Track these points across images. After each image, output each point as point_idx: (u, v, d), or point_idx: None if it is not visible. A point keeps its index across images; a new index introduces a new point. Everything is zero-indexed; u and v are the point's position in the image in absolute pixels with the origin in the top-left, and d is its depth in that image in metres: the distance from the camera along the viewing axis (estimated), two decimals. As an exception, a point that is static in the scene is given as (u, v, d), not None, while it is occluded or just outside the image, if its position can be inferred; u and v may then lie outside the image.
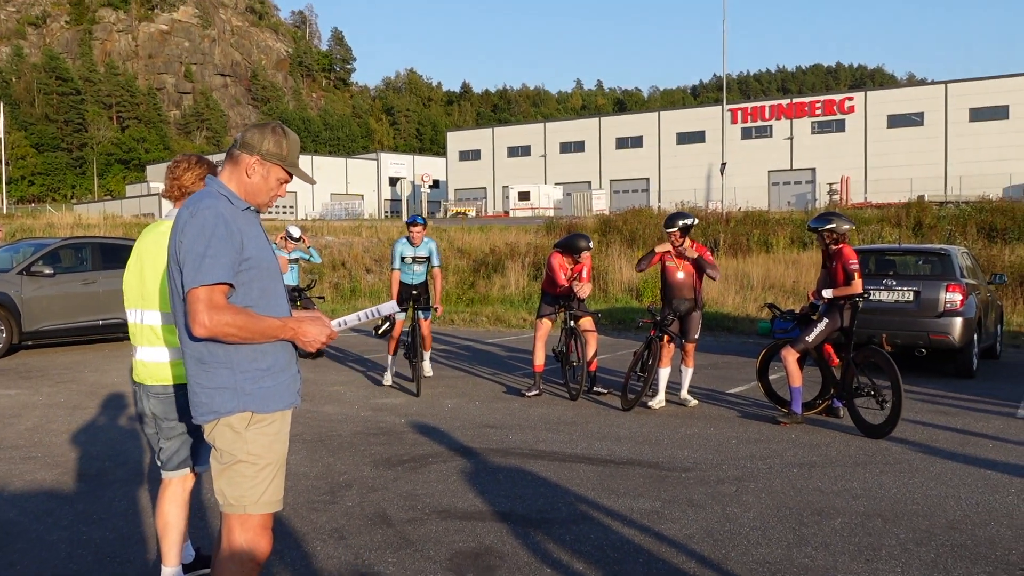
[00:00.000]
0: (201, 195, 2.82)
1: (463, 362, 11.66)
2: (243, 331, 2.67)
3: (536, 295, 20.27)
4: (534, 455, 6.31)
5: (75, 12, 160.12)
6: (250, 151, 2.87)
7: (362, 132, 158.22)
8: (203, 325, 2.62)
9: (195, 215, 2.71)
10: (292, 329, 2.81)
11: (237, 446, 2.80)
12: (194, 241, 2.67)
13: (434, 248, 9.61)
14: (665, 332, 8.19)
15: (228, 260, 2.69)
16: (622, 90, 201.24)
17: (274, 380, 2.84)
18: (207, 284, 2.63)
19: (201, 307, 2.62)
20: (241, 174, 2.88)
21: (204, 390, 2.79)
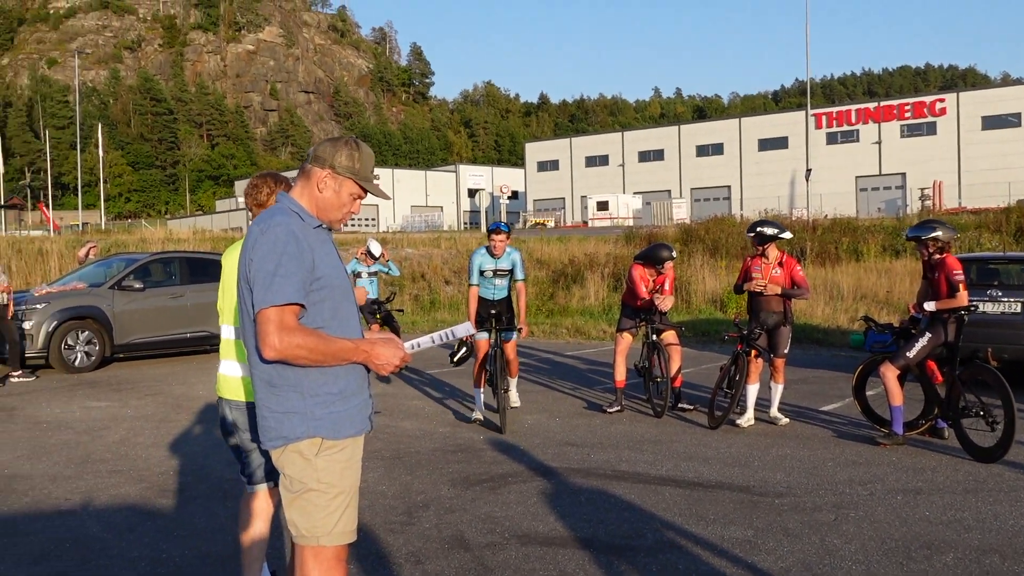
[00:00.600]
0: (272, 211, 2.73)
1: (543, 376, 11.48)
2: (314, 353, 2.57)
3: (616, 307, 19.95)
4: (617, 476, 6.08)
5: (167, 35, 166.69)
6: (322, 164, 2.77)
7: (441, 145, 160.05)
8: (273, 347, 2.53)
9: (265, 232, 2.63)
10: (365, 351, 2.70)
11: (307, 474, 2.68)
12: (264, 259, 2.58)
13: (518, 259, 8.39)
14: (752, 346, 7.86)
15: (299, 279, 2.59)
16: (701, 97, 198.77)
17: (345, 405, 2.73)
18: (278, 304, 2.54)
19: (271, 328, 2.53)
20: (313, 189, 2.79)
21: (273, 414, 2.69)
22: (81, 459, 6.90)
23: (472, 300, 8.29)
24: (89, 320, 12.16)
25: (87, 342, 12.12)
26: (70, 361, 11.92)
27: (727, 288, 19.42)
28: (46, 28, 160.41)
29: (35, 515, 5.42)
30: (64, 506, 5.60)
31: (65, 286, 12.79)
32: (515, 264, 8.39)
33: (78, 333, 12.04)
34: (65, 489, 6.00)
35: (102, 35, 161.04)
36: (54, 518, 5.36)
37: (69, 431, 8.04)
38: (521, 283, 8.46)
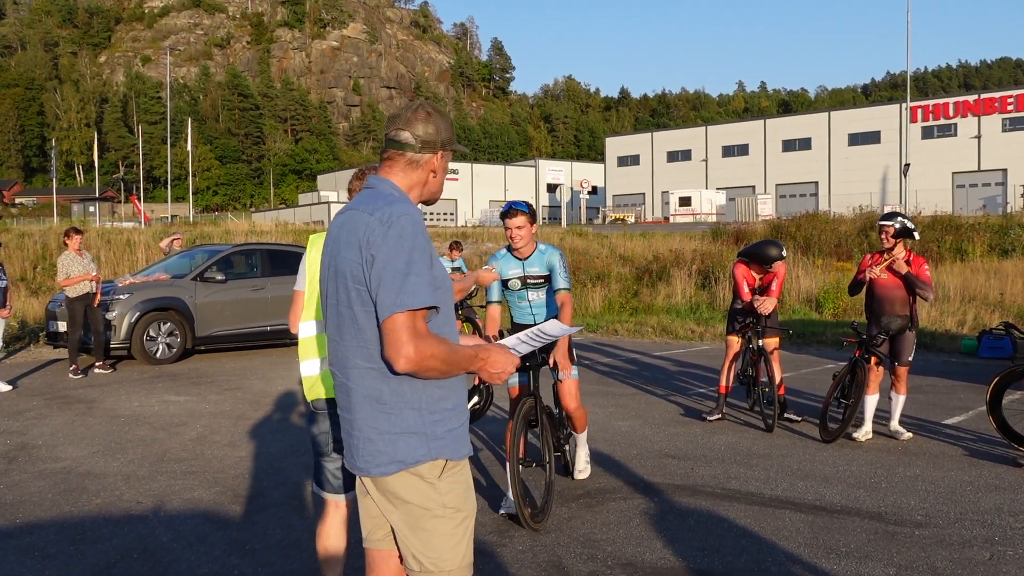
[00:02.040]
0: (389, 199, 2.35)
1: (632, 377, 10.88)
2: (445, 364, 2.25)
3: (704, 305, 19.19)
4: (727, 496, 5.48)
5: (255, 33, 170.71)
6: (433, 148, 2.48)
7: (520, 140, 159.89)
8: (409, 358, 2.17)
9: (391, 224, 2.25)
10: (484, 359, 2.40)
11: (431, 499, 2.34)
12: (393, 256, 2.22)
13: (557, 261, 5.47)
14: (872, 353, 7.12)
15: (430, 279, 2.26)
16: (787, 91, 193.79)
17: (459, 420, 2.42)
18: (414, 308, 2.19)
19: (406, 336, 2.17)
20: (425, 176, 2.50)
21: (383, 435, 2.31)
22: (156, 457, 6.63)
23: (491, 327, 5.50)
24: (171, 311, 12.08)
25: (169, 334, 12.04)
26: (151, 353, 11.85)
27: (822, 287, 18.45)
28: (141, 27, 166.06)
29: (105, 519, 5.13)
30: (135, 510, 5.30)
31: (148, 277, 12.75)
32: (553, 268, 5.47)
33: (160, 324, 11.96)
34: (137, 491, 5.71)
35: (193, 33, 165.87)
36: (123, 523, 5.05)
37: (146, 426, 7.83)
38: (565, 294, 5.42)
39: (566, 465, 5.77)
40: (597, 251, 25.11)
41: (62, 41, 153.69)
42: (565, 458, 5.71)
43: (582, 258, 24.34)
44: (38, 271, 20.50)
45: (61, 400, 9.32)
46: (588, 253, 24.87)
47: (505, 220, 5.33)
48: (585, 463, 5.91)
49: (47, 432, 7.66)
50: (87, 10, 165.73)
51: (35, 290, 19.05)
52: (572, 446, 5.84)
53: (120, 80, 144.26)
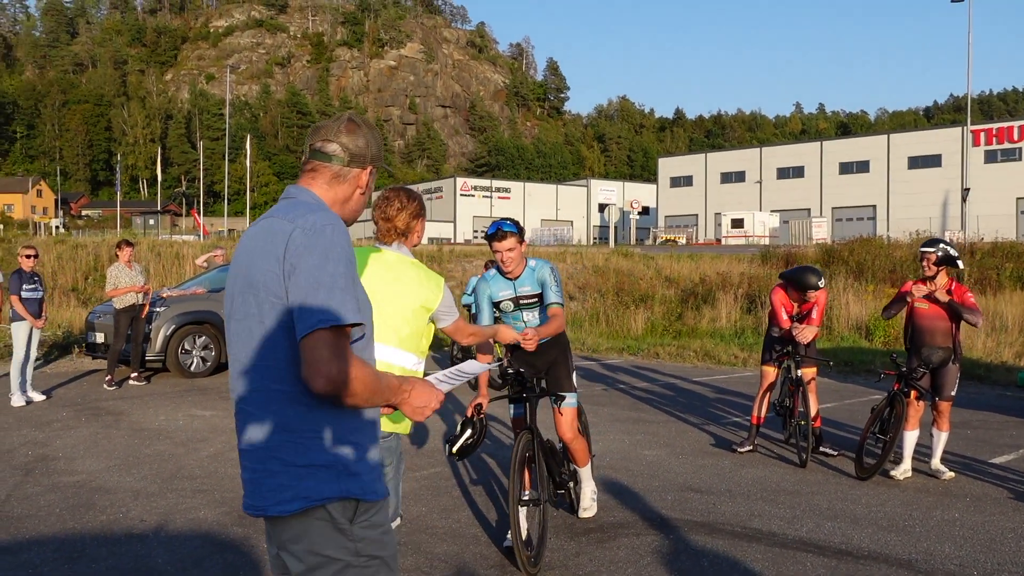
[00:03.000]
0: (311, 207, 2.14)
1: (667, 403, 10.58)
2: (368, 390, 2.00)
3: (749, 330, 18.74)
4: (747, 535, 5.19)
5: (315, 52, 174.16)
6: (362, 163, 2.31)
7: (573, 159, 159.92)
8: (330, 378, 1.93)
9: (317, 232, 2.04)
10: (407, 391, 2.18)
11: (341, 545, 2.04)
12: (318, 267, 2.00)
13: (548, 276, 5.11)
14: (912, 386, 6.76)
15: (356, 295, 2.05)
16: (846, 113, 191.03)
17: (373, 459, 2.15)
18: (338, 324, 1.95)
19: (329, 354, 1.93)
20: (350, 192, 2.31)
21: (289, 468, 2.03)
22: (170, 474, 6.58)
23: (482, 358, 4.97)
24: (207, 325, 12.14)
25: (204, 347, 12.10)
26: (186, 366, 11.92)
27: (874, 314, 17.88)
28: (206, 46, 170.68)
29: (105, 537, 5.06)
30: (137, 528, 5.22)
31: (185, 290, 12.85)
32: (544, 283, 5.10)
33: (195, 338, 12.03)
34: (144, 508, 5.64)
35: (256, 52, 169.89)
36: (123, 543, 4.97)
37: (167, 441, 7.80)
38: (556, 307, 5.05)
39: (572, 502, 5.49)
40: (642, 272, 24.77)
41: (131, 59, 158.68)
42: (569, 496, 5.41)
43: (626, 279, 24.03)
44: (89, 282, 20.93)
45: (90, 412, 9.38)
46: (633, 274, 24.55)
47: (492, 243, 4.93)
48: (591, 500, 5.47)
49: (69, 444, 7.68)
50: (155, 29, 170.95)
51: (85, 301, 19.43)
52: (576, 482, 5.49)
53: (184, 97, 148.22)
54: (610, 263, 26.05)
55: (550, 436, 5.53)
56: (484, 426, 4.31)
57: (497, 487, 6.30)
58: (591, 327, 20.37)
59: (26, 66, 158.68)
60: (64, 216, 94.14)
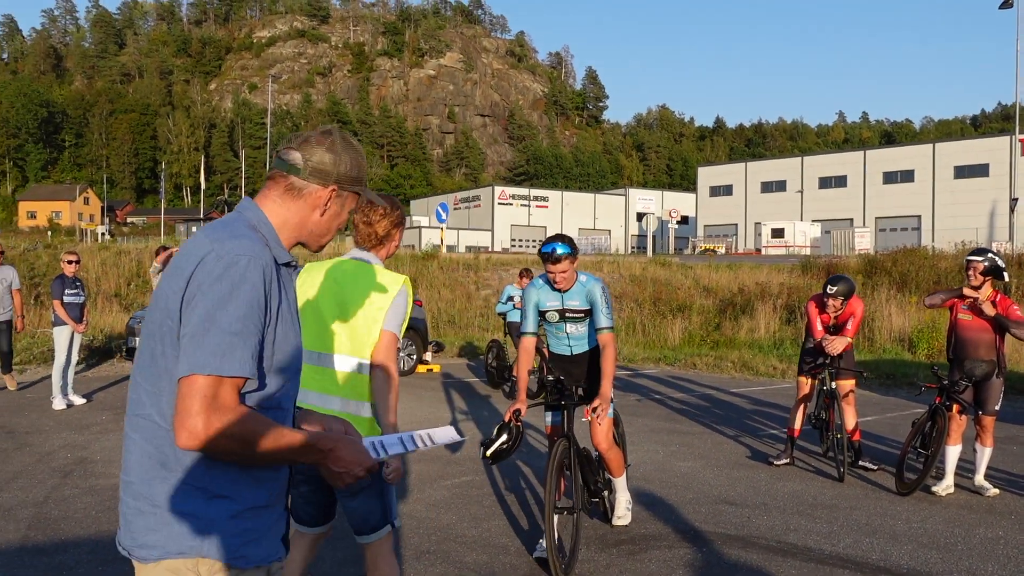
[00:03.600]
0: (236, 229, 1.89)
1: (703, 415, 10.45)
2: (250, 449, 1.75)
3: (788, 341, 18.48)
4: (782, 549, 5.08)
5: (356, 62, 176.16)
6: (325, 181, 2.01)
7: (612, 168, 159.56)
8: (195, 433, 1.70)
9: (229, 264, 1.79)
10: (321, 452, 1.87)
11: None
12: (217, 304, 1.76)
13: (599, 295, 5.02)
14: (955, 400, 6.59)
15: (255, 343, 1.80)
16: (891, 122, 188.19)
17: (256, 520, 1.89)
18: (220, 375, 1.72)
19: (198, 405, 1.70)
20: (306, 211, 2.01)
21: (156, 510, 1.81)
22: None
23: (524, 362, 5.06)
24: None
25: None
26: None
27: (916, 326, 17.54)
28: (249, 56, 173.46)
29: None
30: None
31: None
32: (594, 303, 5.01)
33: None
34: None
35: (297, 62, 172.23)
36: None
37: (203, 445, 7.87)
38: (608, 334, 4.95)
39: (606, 511, 5.43)
40: (680, 282, 24.58)
41: (176, 69, 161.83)
42: (604, 504, 5.35)
43: (664, 288, 23.85)
44: (131, 288, 21.30)
45: (129, 415, 9.50)
46: (670, 284, 24.37)
47: (546, 263, 4.86)
48: (625, 509, 5.44)
49: (108, 447, 7.78)
50: (200, 40, 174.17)
51: (127, 306, 19.76)
52: (611, 491, 5.46)
53: (228, 107, 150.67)
54: (647, 272, 25.88)
55: (585, 445, 5.53)
56: (520, 432, 4.37)
57: (529, 496, 6.26)
58: (627, 337, 20.24)
59: (75, 76, 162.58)
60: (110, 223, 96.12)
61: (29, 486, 6.36)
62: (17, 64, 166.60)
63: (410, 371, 13.91)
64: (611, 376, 4.88)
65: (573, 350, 5.25)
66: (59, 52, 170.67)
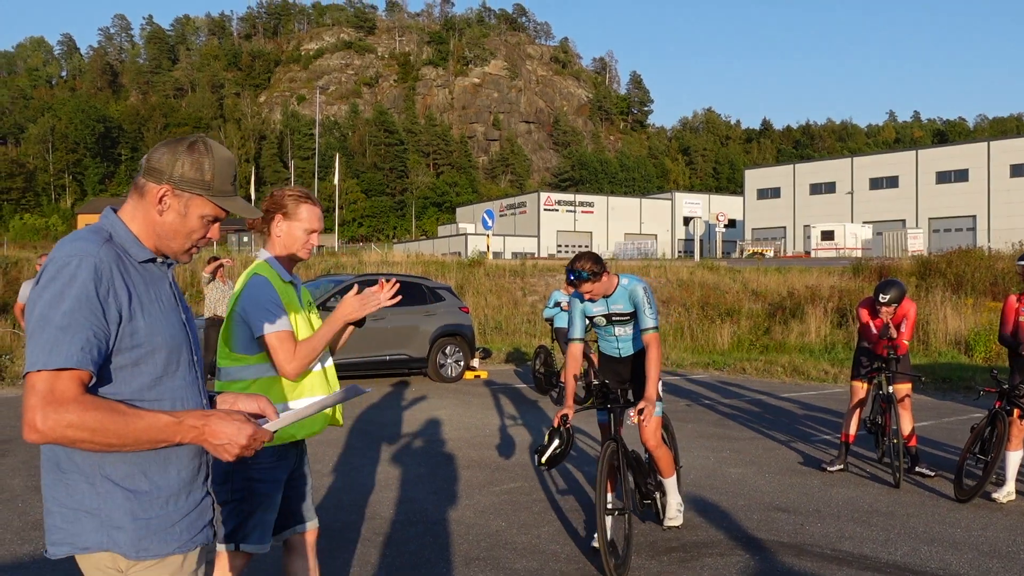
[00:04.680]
0: (81, 233, 1.98)
1: (754, 420, 10.32)
2: (101, 435, 1.78)
3: (840, 345, 18.17)
4: (837, 558, 5.00)
5: (402, 72, 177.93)
6: (158, 178, 2.03)
7: (657, 172, 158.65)
8: (33, 427, 1.76)
9: (61, 265, 1.88)
10: (192, 428, 1.87)
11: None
12: (49, 304, 1.83)
13: (641, 296, 5.07)
14: (1016, 405, 6.42)
15: (88, 336, 1.84)
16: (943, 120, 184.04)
17: (163, 507, 1.95)
18: (50, 369, 1.78)
19: (35, 400, 1.76)
20: (148, 210, 2.04)
21: (61, 509, 1.92)
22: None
23: (570, 367, 5.09)
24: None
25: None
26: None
27: (973, 329, 17.13)
28: (298, 68, 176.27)
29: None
30: (225, 537, 5.35)
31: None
32: (637, 304, 5.04)
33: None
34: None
35: (344, 73, 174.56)
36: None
37: (256, 452, 8.00)
38: (652, 334, 4.96)
39: (658, 513, 5.42)
40: (728, 286, 24.33)
41: (227, 83, 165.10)
42: (655, 506, 5.34)
43: (712, 292, 23.64)
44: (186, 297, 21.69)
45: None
46: (719, 288, 24.13)
47: (575, 282, 4.96)
48: (677, 510, 5.39)
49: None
50: (250, 53, 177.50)
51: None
52: (663, 493, 5.43)
53: (277, 118, 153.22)
54: (695, 277, 25.67)
55: (636, 448, 5.53)
56: (571, 435, 4.50)
57: (578, 502, 6.24)
58: (675, 341, 20.09)
59: (131, 92, 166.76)
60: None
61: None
62: (75, 81, 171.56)
63: (458, 377, 13.97)
64: (656, 377, 4.89)
65: (622, 352, 5.33)
66: (115, 69, 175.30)
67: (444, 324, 13.87)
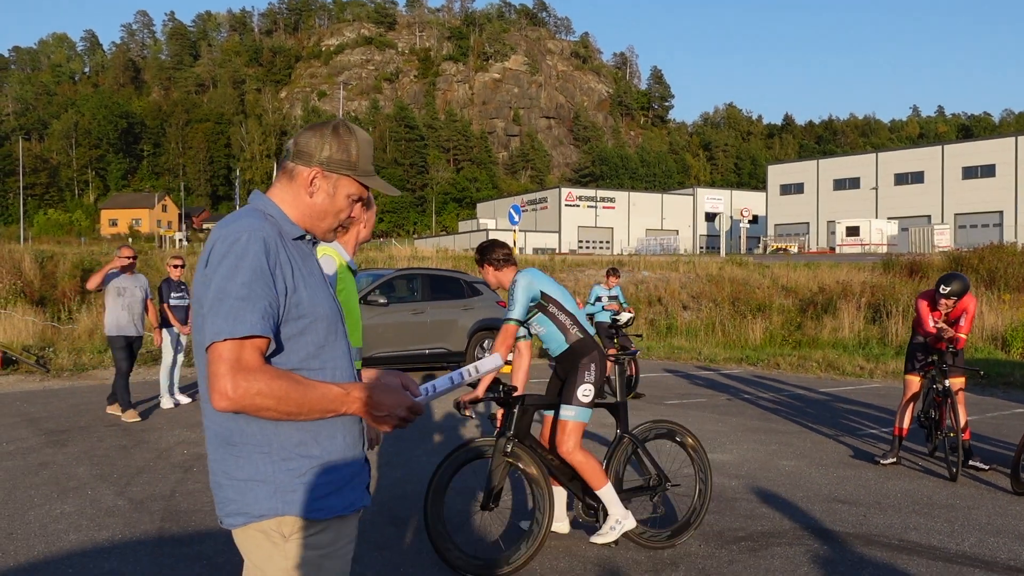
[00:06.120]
0: (240, 213, 2.09)
1: (796, 414, 10.33)
2: (284, 403, 1.90)
3: (874, 340, 18.11)
4: (907, 548, 5.03)
5: (422, 67, 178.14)
6: (308, 161, 2.14)
7: (678, 168, 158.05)
8: (224, 394, 1.86)
9: (229, 240, 1.97)
10: (358, 399, 1.99)
11: (275, 562, 2.01)
12: (226, 276, 1.93)
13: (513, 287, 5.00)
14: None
15: (266, 305, 1.94)
16: (968, 115, 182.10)
17: (331, 474, 2.05)
18: (236, 337, 1.88)
19: (223, 368, 1.87)
20: (298, 192, 2.16)
21: (232, 482, 2.01)
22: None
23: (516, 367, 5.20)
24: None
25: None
26: None
27: (1010, 324, 17.03)
28: (318, 64, 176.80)
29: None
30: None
31: None
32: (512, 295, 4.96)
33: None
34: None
35: (365, 68, 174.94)
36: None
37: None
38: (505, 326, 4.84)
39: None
40: (758, 281, 24.27)
41: (248, 79, 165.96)
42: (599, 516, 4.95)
43: (742, 288, 23.59)
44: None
45: (234, 413, 9.84)
46: (748, 283, 24.08)
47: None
48: (609, 528, 4.83)
49: (220, 443, 8.08)
50: (271, 49, 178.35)
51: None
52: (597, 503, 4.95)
53: (298, 114, 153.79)
54: (724, 272, 25.62)
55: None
56: None
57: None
58: (707, 337, 20.09)
59: (153, 88, 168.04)
60: (187, 230, 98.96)
61: (154, 480, 6.65)
62: (98, 77, 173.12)
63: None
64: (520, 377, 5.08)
65: (552, 351, 5.09)
66: (137, 65, 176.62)
67: (482, 318, 13.96)
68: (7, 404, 10.74)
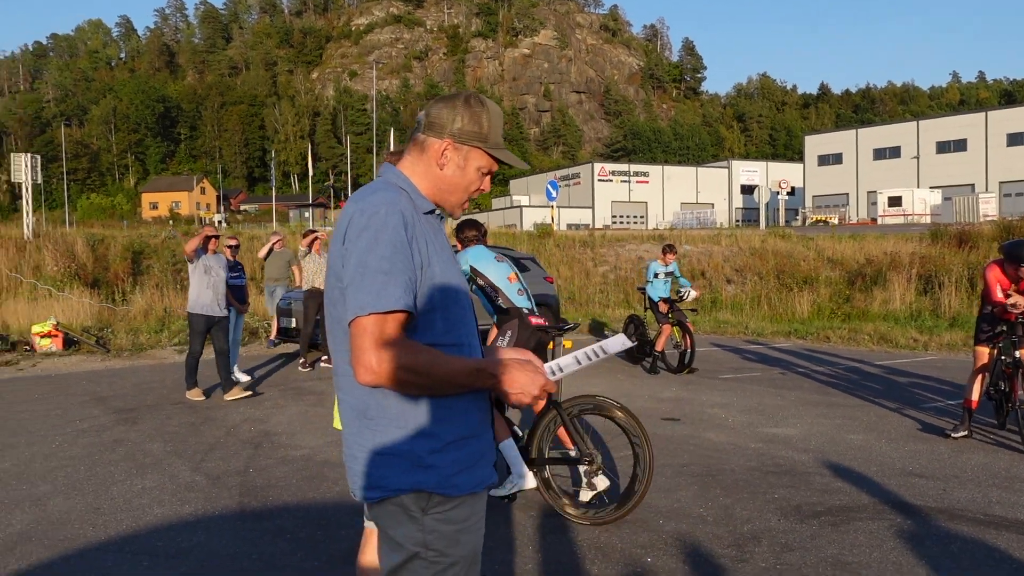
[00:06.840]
0: (375, 187, 2.07)
1: (855, 388, 10.20)
2: (426, 378, 1.90)
3: (927, 312, 17.83)
4: (993, 522, 4.95)
5: (451, 44, 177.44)
6: (439, 133, 2.13)
7: (712, 140, 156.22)
8: (370, 368, 1.87)
9: (368, 214, 1.97)
10: (493, 376, 1.99)
11: (412, 535, 2.00)
12: (365, 250, 1.93)
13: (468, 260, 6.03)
14: None
15: (407, 279, 1.94)
16: (1010, 80, 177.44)
17: (463, 449, 2.05)
18: (380, 312, 1.88)
19: (368, 343, 1.88)
20: (429, 164, 2.15)
21: (368, 455, 2.01)
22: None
23: None
24: None
25: None
26: None
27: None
28: (348, 44, 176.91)
29: (347, 507, 5.36)
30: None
31: None
32: None
33: None
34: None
35: (395, 47, 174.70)
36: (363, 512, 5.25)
37: (373, 419, 8.18)
38: None
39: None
40: (803, 254, 23.96)
41: (280, 60, 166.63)
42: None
43: (786, 261, 23.32)
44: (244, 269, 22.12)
45: (294, 391, 9.96)
46: (793, 256, 23.79)
47: None
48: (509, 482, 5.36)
49: (284, 421, 8.18)
50: (301, 30, 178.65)
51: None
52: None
53: (330, 94, 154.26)
54: (767, 245, 25.33)
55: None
56: None
57: (705, 469, 6.26)
58: (753, 311, 19.91)
59: (187, 72, 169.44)
60: (225, 211, 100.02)
61: (227, 456, 6.75)
62: (134, 62, 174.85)
63: (544, 347, 14.09)
64: None
65: None
66: (171, 49, 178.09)
67: (530, 294, 13.97)
68: (74, 383, 10.97)
